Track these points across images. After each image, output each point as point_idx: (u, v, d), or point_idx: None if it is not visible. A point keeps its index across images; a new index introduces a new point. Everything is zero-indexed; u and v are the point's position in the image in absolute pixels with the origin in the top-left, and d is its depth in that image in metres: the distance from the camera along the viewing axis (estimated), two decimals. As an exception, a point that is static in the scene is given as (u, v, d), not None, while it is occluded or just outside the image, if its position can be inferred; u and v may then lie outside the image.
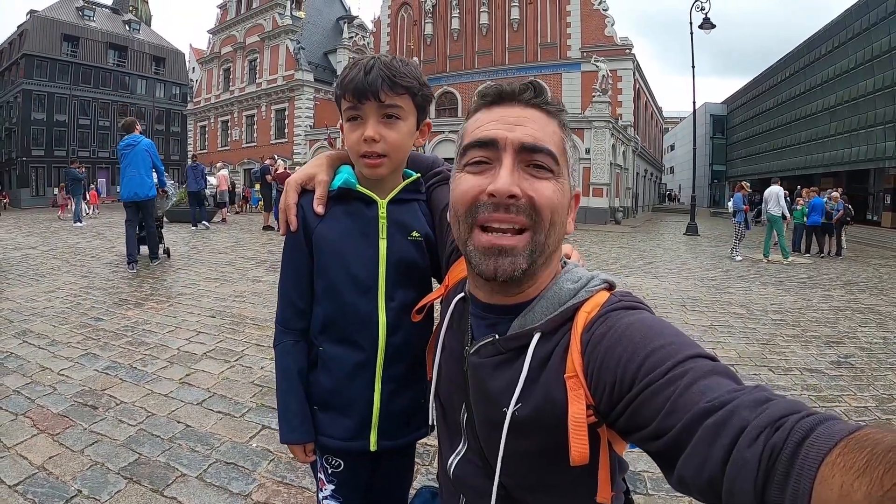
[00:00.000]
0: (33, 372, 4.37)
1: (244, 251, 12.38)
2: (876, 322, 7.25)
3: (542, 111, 0.98)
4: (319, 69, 42.05)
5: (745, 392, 0.67)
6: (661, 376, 0.74)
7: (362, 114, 1.30)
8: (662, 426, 0.71)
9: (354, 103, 1.29)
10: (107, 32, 56.28)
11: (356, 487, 1.49)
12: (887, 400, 4.43)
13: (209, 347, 5.14)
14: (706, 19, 23.54)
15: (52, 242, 13.22)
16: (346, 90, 1.29)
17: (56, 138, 52.09)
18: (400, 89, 1.30)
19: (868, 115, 32.84)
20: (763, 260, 13.92)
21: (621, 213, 30.89)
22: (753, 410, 0.63)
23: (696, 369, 0.73)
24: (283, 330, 1.44)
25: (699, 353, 0.76)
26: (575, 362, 0.86)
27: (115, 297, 7.15)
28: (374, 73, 1.27)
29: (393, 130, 1.31)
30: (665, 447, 0.71)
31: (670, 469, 0.71)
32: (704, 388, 0.70)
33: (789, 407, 0.62)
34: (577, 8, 35.74)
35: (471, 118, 1.03)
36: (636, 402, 0.76)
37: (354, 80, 1.27)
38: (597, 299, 0.93)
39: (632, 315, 0.87)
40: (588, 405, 0.84)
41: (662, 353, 0.77)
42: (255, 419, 3.68)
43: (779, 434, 0.59)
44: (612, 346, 0.82)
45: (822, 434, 0.56)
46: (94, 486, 2.80)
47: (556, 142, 0.96)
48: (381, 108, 1.29)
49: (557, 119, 1.00)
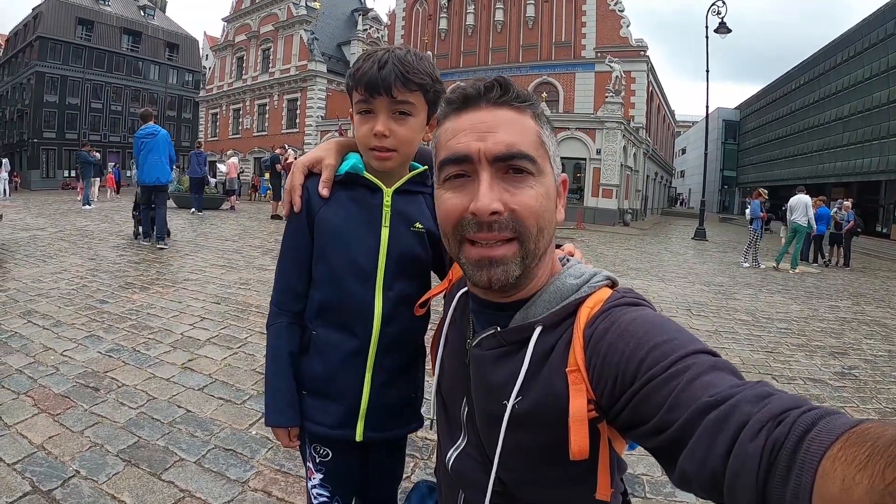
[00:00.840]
0: (37, 352, 4.39)
1: (251, 239, 12.44)
2: (881, 335, 7.21)
3: (512, 109, 0.95)
4: (333, 60, 42.02)
5: (747, 387, 0.67)
6: (663, 371, 0.74)
7: (373, 108, 1.29)
8: (664, 421, 0.71)
9: (366, 97, 1.28)
10: (121, 17, 56.49)
11: (345, 477, 1.49)
12: (890, 413, 4.40)
13: (213, 333, 5.15)
14: (722, 23, 23.45)
15: (61, 224, 13.29)
16: (358, 83, 1.28)
17: (68, 121, 52.37)
18: (413, 86, 1.28)
19: (881, 127, 32.62)
20: (774, 267, 13.80)
21: (630, 215, 30.85)
22: (755, 405, 0.63)
23: (698, 365, 0.73)
24: (278, 311, 1.44)
25: (701, 348, 0.76)
26: (577, 356, 0.86)
27: (120, 280, 7.18)
28: (387, 68, 1.25)
29: (403, 126, 1.31)
30: (667, 442, 0.71)
31: (672, 464, 0.71)
32: (706, 383, 0.69)
33: (791, 401, 0.62)
34: (592, 8, 35.63)
35: (440, 127, 1.01)
36: (638, 397, 0.76)
37: (367, 74, 1.26)
38: (599, 295, 0.93)
39: (634, 311, 0.87)
40: (589, 400, 0.83)
41: (665, 349, 0.76)
42: (255, 406, 3.68)
43: (781, 428, 0.59)
44: (615, 342, 0.82)
45: (824, 428, 0.56)
46: (92, 467, 2.81)
47: (531, 139, 0.94)
48: (393, 103, 1.28)
49: (530, 112, 0.97)
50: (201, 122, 50.97)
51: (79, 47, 52.72)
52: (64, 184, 44.69)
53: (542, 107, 1.01)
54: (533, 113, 0.97)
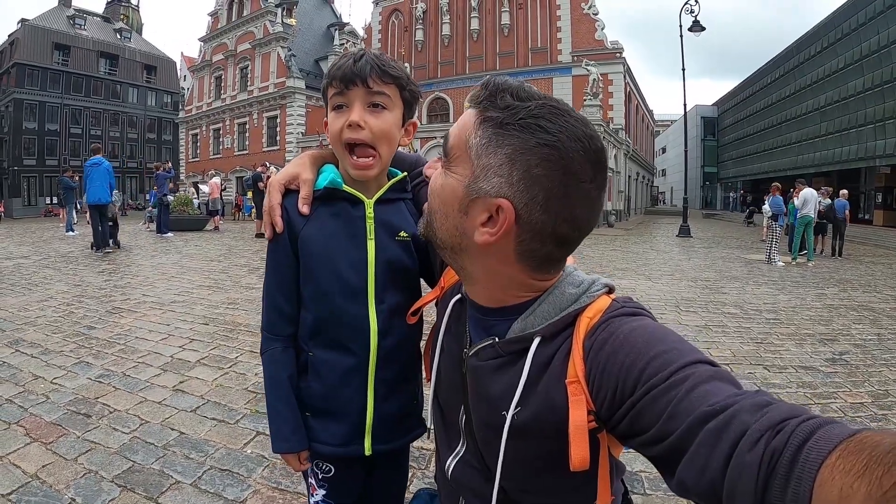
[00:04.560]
0: (26, 381, 4.34)
1: (237, 258, 12.40)
2: (870, 319, 7.29)
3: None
4: (311, 76, 42.06)
5: (745, 396, 0.67)
6: (662, 381, 0.74)
7: (348, 101, 1.28)
8: (663, 430, 0.71)
9: (341, 89, 1.27)
10: (98, 41, 56.20)
11: (348, 492, 1.47)
12: (882, 395, 4.44)
13: (202, 354, 5.12)
14: (696, 22, 23.67)
15: (45, 251, 13.21)
16: (333, 77, 1.28)
17: (48, 147, 51.90)
18: (388, 78, 1.28)
19: (858, 115, 33.04)
20: (792, 262, 13.73)
21: (614, 216, 31.00)
22: (754, 414, 0.63)
23: (698, 374, 0.73)
24: (270, 336, 1.39)
25: (700, 358, 0.77)
26: (577, 367, 0.85)
27: (107, 304, 7.11)
28: (364, 60, 1.26)
29: (378, 119, 1.28)
30: (666, 451, 0.71)
31: (670, 473, 0.71)
32: (706, 392, 0.70)
33: (790, 411, 0.62)
34: (567, 12, 35.95)
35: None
36: (637, 407, 0.76)
37: (343, 67, 1.26)
38: (599, 304, 0.92)
39: (634, 321, 0.87)
40: (589, 410, 0.83)
41: (664, 359, 0.76)
42: (249, 426, 3.66)
43: (779, 437, 0.59)
44: (615, 352, 0.81)
45: (822, 437, 0.56)
46: (87, 494, 2.78)
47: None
48: (369, 94, 1.27)
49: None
50: (182, 143, 50.71)
51: (56, 73, 52.35)
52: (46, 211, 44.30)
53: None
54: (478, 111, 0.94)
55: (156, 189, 19.06)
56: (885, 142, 30.40)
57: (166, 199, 17.93)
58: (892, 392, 4.54)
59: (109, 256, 12.23)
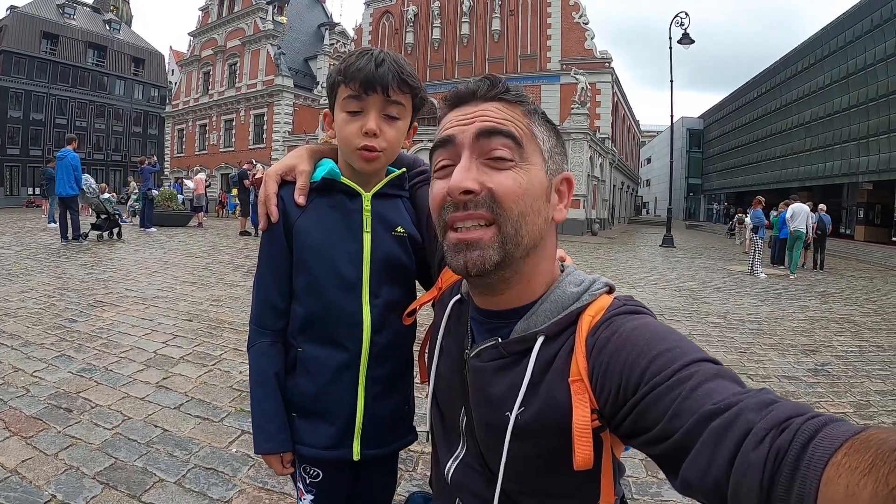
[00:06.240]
0: (6, 373, 4.26)
1: (221, 256, 12.31)
2: (851, 331, 7.38)
3: (502, 102, 0.96)
4: (300, 75, 41.93)
5: (750, 395, 0.67)
6: (666, 379, 0.74)
7: (365, 105, 1.25)
8: (667, 429, 0.71)
9: (359, 93, 1.24)
10: (87, 31, 55.57)
11: (336, 498, 1.43)
12: (864, 405, 4.50)
13: (186, 351, 5.06)
14: (685, 35, 23.87)
15: (26, 242, 12.99)
16: (352, 78, 1.24)
17: (32, 137, 51.06)
18: (406, 87, 1.26)
19: (842, 131, 33.59)
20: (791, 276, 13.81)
21: (598, 224, 31.20)
22: (759, 413, 0.63)
23: (701, 373, 0.73)
24: (259, 330, 1.36)
25: (703, 357, 0.77)
26: (580, 366, 0.85)
27: (89, 298, 7.02)
28: (385, 66, 1.23)
29: (392, 128, 1.28)
30: (670, 450, 0.71)
31: (674, 472, 0.71)
32: (709, 390, 0.69)
33: (794, 409, 0.63)
34: (557, 21, 36.12)
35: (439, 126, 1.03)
36: (641, 406, 0.75)
37: (364, 70, 1.22)
38: (600, 303, 0.92)
39: (636, 319, 0.87)
40: (592, 409, 0.83)
41: (667, 357, 0.76)
42: (234, 424, 3.62)
43: (784, 436, 0.59)
44: (618, 350, 0.81)
45: (828, 435, 0.56)
46: (68, 490, 2.72)
47: (518, 126, 0.94)
48: (386, 102, 1.25)
49: (522, 107, 0.97)
50: (167, 137, 50.29)
51: (43, 62, 51.62)
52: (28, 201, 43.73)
53: (536, 106, 1.01)
54: (526, 109, 0.97)
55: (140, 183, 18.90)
56: (869, 158, 30.92)
57: (151, 193, 17.73)
58: (873, 402, 4.60)
59: (84, 247, 12.10)
